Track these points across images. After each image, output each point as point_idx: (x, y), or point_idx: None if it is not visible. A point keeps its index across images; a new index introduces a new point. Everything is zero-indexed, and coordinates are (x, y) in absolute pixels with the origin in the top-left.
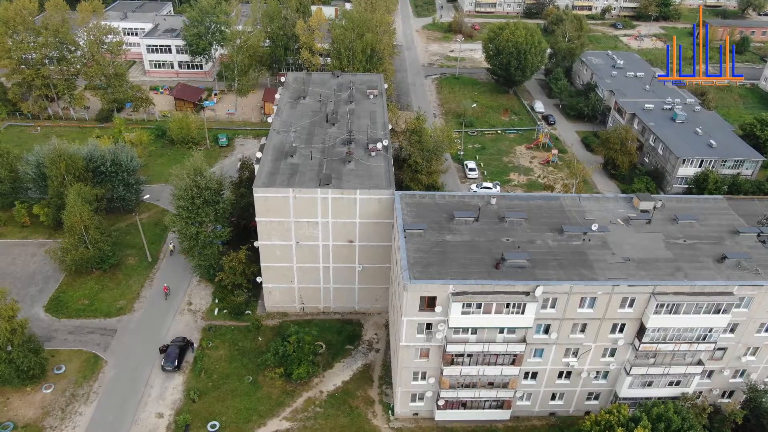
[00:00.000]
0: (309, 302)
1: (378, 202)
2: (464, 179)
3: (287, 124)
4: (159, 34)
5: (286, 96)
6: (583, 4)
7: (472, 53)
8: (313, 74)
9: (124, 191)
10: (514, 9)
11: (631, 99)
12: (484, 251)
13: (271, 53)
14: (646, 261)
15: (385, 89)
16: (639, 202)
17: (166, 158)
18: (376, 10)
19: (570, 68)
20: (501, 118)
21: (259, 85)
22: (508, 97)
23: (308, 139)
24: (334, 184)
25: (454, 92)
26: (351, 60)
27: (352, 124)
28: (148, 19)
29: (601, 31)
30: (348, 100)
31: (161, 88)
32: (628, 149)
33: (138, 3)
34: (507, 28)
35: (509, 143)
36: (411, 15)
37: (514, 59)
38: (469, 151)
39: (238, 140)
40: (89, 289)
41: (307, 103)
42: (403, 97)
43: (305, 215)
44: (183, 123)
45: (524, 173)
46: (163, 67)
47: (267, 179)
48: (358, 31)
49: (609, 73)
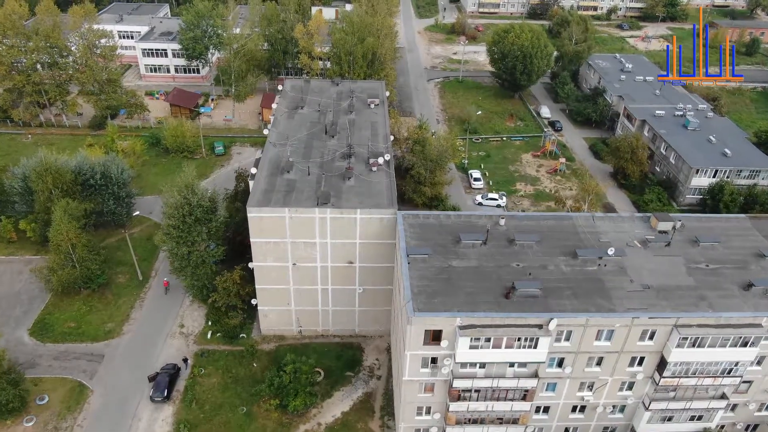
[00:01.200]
0: (307, 325)
1: (379, 222)
2: (469, 189)
3: (284, 137)
4: (155, 38)
5: (284, 105)
6: (588, 4)
7: (475, 56)
8: (312, 82)
9: (115, 205)
10: (518, 10)
11: (640, 105)
12: (493, 278)
13: (269, 57)
14: (666, 289)
15: (386, 97)
16: (657, 223)
17: (160, 168)
18: (377, 13)
19: (576, 72)
20: (506, 124)
21: (257, 90)
22: (513, 102)
23: (306, 153)
24: (332, 202)
25: (458, 97)
26: (351, 65)
27: (352, 137)
28: (144, 22)
29: (607, 32)
30: (348, 109)
31: (157, 93)
32: (639, 158)
33: (134, 5)
34: (512, 30)
35: (515, 151)
36: (413, 16)
37: (520, 63)
38: (473, 159)
39: (235, 148)
40: (76, 311)
41: (305, 113)
42: (406, 101)
43: (302, 235)
44: (178, 131)
45: (531, 183)
46: (159, 72)
47: (262, 197)
48: (358, 35)
49: (617, 78)
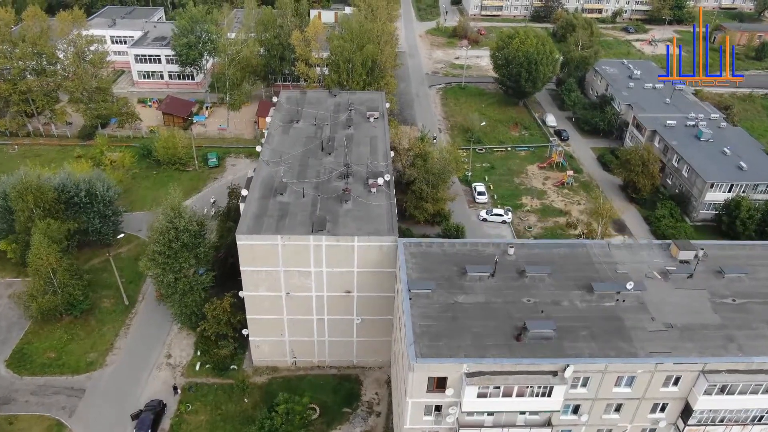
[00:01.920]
0: (302, 356)
1: (379, 249)
2: (473, 204)
3: (278, 154)
4: (148, 43)
5: (278, 119)
6: (593, 6)
7: (478, 60)
8: (309, 93)
9: (100, 224)
10: (521, 12)
11: (650, 114)
12: (502, 317)
13: (265, 64)
14: (691, 328)
15: (387, 109)
16: (678, 251)
17: (151, 181)
18: (377, 19)
19: (582, 78)
20: (510, 134)
21: (254, 98)
22: (517, 110)
23: (301, 172)
24: (328, 228)
25: (460, 104)
26: (350, 73)
27: (349, 154)
28: (137, 27)
29: (612, 36)
30: (346, 123)
31: (149, 101)
32: (651, 172)
33: (128, 9)
34: (517, 36)
35: (520, 162)
36: (414, 19)
37: (525, 70)
38: (477, 171)
39: (229, 160)
40: (57, 340)
41: (301, 127)
42: (407, 109)
43: (296, 264)
44: (169, 142)
45: (537, 197)
46: (152, 78)
47: (252, 223)
48: (357, 42)
49: (625, 85)
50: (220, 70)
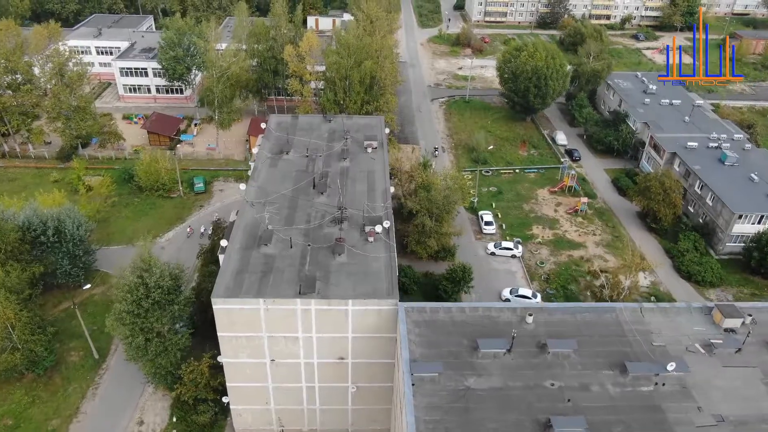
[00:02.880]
0: (290, 424)
1: (377, 314)
2: (479, 235)
3: (264, 192)
4: (134, 55)
5: (267, 148)
6: (600, 12)
7: (482, 71)
8: (301, 118)
9: (70, 266)
10: (527, 18)
11: (669, 134)
12: (521, 407)
13: (258, 78)
14: (746, 422)
15: (386, 136)
16: (722, 318)
17: (131, 209)
18: (377, 31)
19: (593, 92)
20: (518, 153)
21: (245, 113)
22: (525, 126)
23: (289, 215)
24: (319, 289)
25: (465, 120)
26: (348, 91)
27: (344, 193)
28: (124, 37)
29: (621, 44)
30: (341, 155)
31: (135, 117)
32: (672, 201)
33: (115, 17)
34: (525, 49)
35: (529, 186)
36: (415, 26)
37: (533, 85)
38: (483, 196)
39: (217, 184)
40: (16, 403)
41: (291, 159)
42: (408, 125)
43: (282, 329)
44: (151, 168)
45: (549, 226)
46: (138, 92)
47: (232, 283)
48: (355, 58)
49: (641, 101)
50: (208, 87)
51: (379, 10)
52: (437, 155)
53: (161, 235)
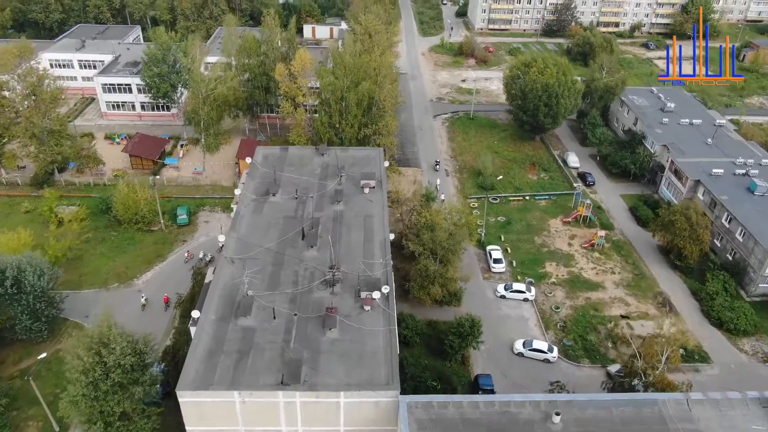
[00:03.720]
0: None
1: (374, 407)
2: (488, 274)
3: (245, 246)
4: (118, 69)
5: (251, 188)
6: (608, 20)
7: (487, 84)
8: (291, 150)
9: (30, 320)
10: (532, 26)
11: (691, 158)
12: None
13: (248, 96)
14: None
15: (385, 171)
16: None
17: (107, 246)
18: (376, 46)
19: (606, 107)
20: (527, 177)
21: (235, 131)
22: (533, 146)
23: (274, 275)
24: (305, 375)
25: (469, 138)
26: (344, 113)
27: (338, 245)
28: (108, 49)
29: (631, 53)
30: (335, 197)
31: (118, 137)
32: (699, 237)
33: (100, 28)
34: (533, 64)
35: (540, 215)
36: (416, 33)
37: (544, 104)
38: (491, 227)
39: (202, 214)
40: None
41: (279, 201)
42: (408, 145)
43: (262, 423)
44: (129, 199)
45: (564, 262)
46: (122, 109)
47: (202, 368)
48: (352, 78)
49: (658, 120)
50: (192, 109)
51: (378, 23)
52: (438, 170)
53: (138, 276)
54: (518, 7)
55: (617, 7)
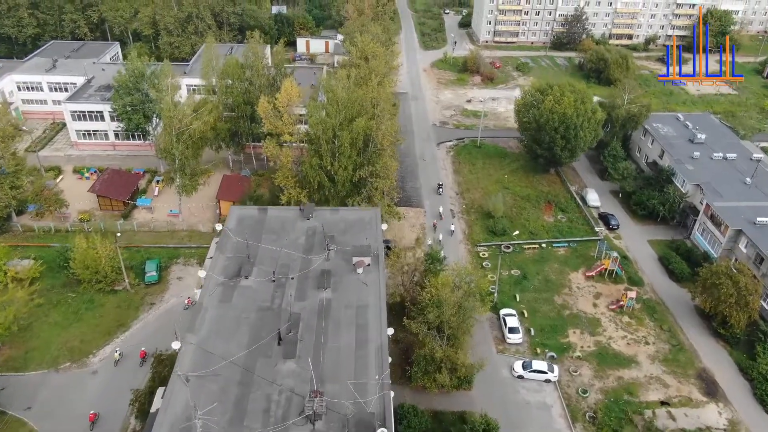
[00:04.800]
0: None
1: None
2: (502, 346)
3: (205, 358)
4: (89, 94)
5: (219, 266)
6: (621, 32)
7: (494, 104)
8: (270, 212)
9: None
10: (540, 38)
11: (730, 202)
12: None
13: (231, 128)
14: None
15: (382, 238)
16: None
17: (62, 311)
18: (373, 74)
19: (627, 135)
20: (543, 218)
21: (219, 163)
22: (548, 180)
23: (238, 405)
24: None
25: (477, 170)
26: (336, 155)
27: (323, 356)
28: (82, 70)
29: (647, 68)
30: (321, 281)
31: (87, 172)
32: (748, 303)
33: (76, 45)
34: (550, 93)
35: (560, 267)
36: (417, 47)
37: (561, 137)
38: (504, 282)
39: (176, 269)
40: None
41: (252, 287)
42: (410, 179)
43: None
44: (88, 256)
45: (589, 329)
46: (94, 138)
47: None
48: (345, 113)
49: (688, 153)
50: (165, 147)
51: (375, 45)
52: (441, 193)
53: (94, 353)
54: (526, 18)
55: (631, 18)
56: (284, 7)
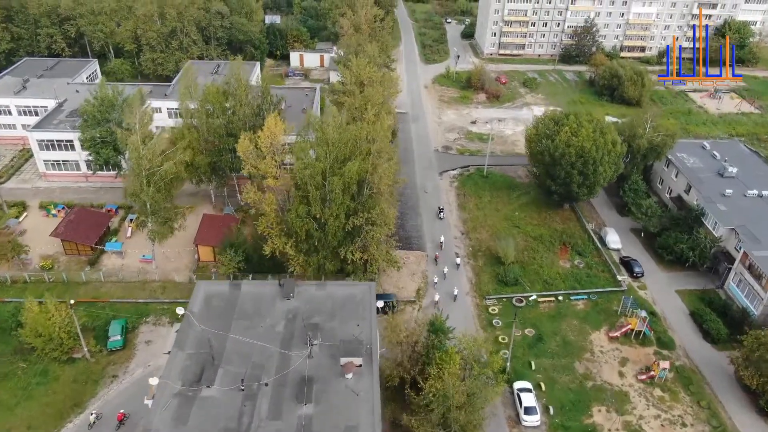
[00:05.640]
0: None
1: None
2: (516, 428)
3: None
4: (60, 120)
5: (177, 368)
6: (634, 44)
7: (501, 126)
8: (244, 289)
9: None
10: (547, 51)
11: None
12: None
13: (212, 161)
14: None
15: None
16: None
17: (10, 387)
18: (369, 106)
19: (648, 165)
20: (558, 263)
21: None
22: (562, 216)
23: None
24: None
25: (483, 205)
26: (327, 201)
27: None
28: (56, 90)
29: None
30: (301, 391)
31: (54, 208)
32: None
33: (51, 62)
34: (565, 123)
35: (579, 324)
36: (418, 60)
37: (578, 173)
38: (517, 345)
39: (145, 330)
40: None
41: (216, 398)
42: (410, 216)
43: None
44: (39, 323)
45: (616, 405)
46: (64, 168)
47: None
48: (337, 155)
49: (719, 190)
50: (133, 192)
51: (371, 69)
52: (443, 218)
53: None
54: (533, 30)
55: (643, 30)
56: (278, 17)
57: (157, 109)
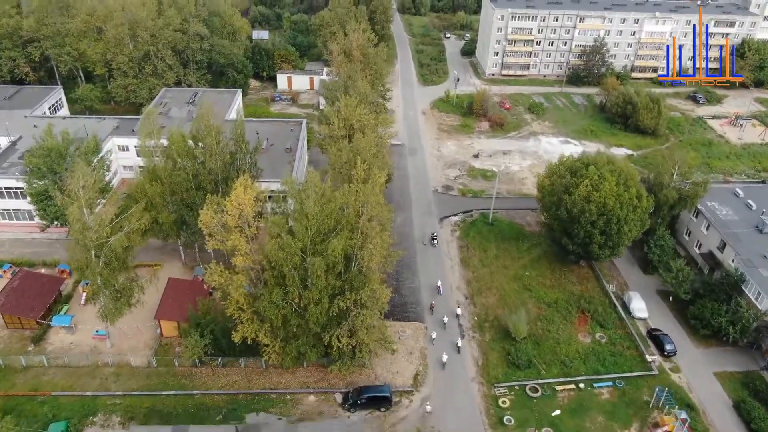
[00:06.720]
0: None
1: None
2: None
3: None
4: (10, 163)
5: None
6: (645, 64)
7: (506, 159)
8: None
9: None
10: (554, 71)
11: None
12: None
13: (179, 217)
14: None
15: None
16: None
17: None
18: (358, 160)
19: (674, 217)
20: (577, 337)
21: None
22: (578, 275)
23: None
24: None
25: (489, 260)
26: (307, 284)
27: None
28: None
29: (677, 108)
30: None
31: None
32: None
33: (11, 89)
34: (585, 174)
35: (605, 419)
36: (415, 81)
37: (599, 231)
38: None
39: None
40: None
41: None
42: (406, 275)
43: None
44: None
45: None
46: (15, 218)
47: None
48: (318, 228)
49: (759, 250)
50: (78, 267)
51: (362, 112)
52: (436, 245)
53: None
54: (538, 49)
55: (656, 49)
56: (266, 32)
57: (123, 147)
